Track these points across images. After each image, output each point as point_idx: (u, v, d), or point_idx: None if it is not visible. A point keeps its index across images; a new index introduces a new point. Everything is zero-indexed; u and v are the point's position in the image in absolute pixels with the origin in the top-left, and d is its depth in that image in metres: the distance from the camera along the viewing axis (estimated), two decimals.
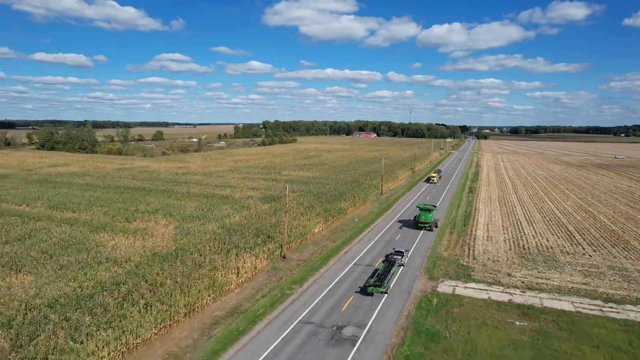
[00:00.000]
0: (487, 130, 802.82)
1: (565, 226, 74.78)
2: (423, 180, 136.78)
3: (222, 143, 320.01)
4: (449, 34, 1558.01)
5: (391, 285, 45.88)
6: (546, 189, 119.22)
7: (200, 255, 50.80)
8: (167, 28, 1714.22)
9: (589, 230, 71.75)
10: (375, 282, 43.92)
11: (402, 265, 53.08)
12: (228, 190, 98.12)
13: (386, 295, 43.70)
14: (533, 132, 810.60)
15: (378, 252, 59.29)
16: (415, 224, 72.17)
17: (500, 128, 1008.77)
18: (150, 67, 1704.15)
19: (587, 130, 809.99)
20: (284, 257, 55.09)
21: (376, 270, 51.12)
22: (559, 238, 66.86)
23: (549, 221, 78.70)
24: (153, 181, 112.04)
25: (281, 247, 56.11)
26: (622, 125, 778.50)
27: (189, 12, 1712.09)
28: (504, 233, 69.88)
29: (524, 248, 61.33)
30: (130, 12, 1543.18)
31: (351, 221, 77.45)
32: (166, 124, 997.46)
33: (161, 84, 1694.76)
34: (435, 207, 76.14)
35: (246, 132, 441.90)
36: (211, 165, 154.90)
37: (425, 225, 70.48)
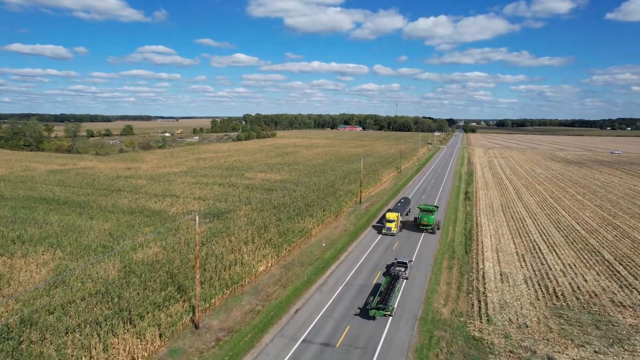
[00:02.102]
0: (474, 124, 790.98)
1: (599, 252, 56.47)
2: (374, 222, 71.77)
3: (195, 138, 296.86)
4: (435, 26, 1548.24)
5: (395, 306, 39.24)
6: (554, 194, 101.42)
7: (50, 334, 30.79)
8: (150, 19, 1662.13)
9: (632, 260, 53.51)
10: (378, 305, 37.22)
11: (406, 278, 45.91)
12: (166, 202, 77.50)
13: None
14: (520, 126, 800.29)
15: (345, 308, 39.76)
16: (417, 227, 66.76)
17: (486, 121, 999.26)
18: (133, 59, 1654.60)
19: (573, 124, 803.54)
20: (197, 327, 35.21)
21: (377, 286, 43.99)
22: (598, 274, 48.34)
23: (575, 244, 60.33)
24: (81, 188, 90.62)
25: (193, 310, 36.23)
26: (607, 118, 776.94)
27: (172, 3, 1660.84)
28: (522, 266, 51.12)
29: (556, 295, 42.58)
30: (110, 2, 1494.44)
31: (316, 246, 57.88)
32: (148, 118, 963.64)
33: (145, 77, 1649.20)
34: (438, 207, 71.06)
35: (224, 126, 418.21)
36: (167, 166, 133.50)
37: (427, 227, 65.07)
